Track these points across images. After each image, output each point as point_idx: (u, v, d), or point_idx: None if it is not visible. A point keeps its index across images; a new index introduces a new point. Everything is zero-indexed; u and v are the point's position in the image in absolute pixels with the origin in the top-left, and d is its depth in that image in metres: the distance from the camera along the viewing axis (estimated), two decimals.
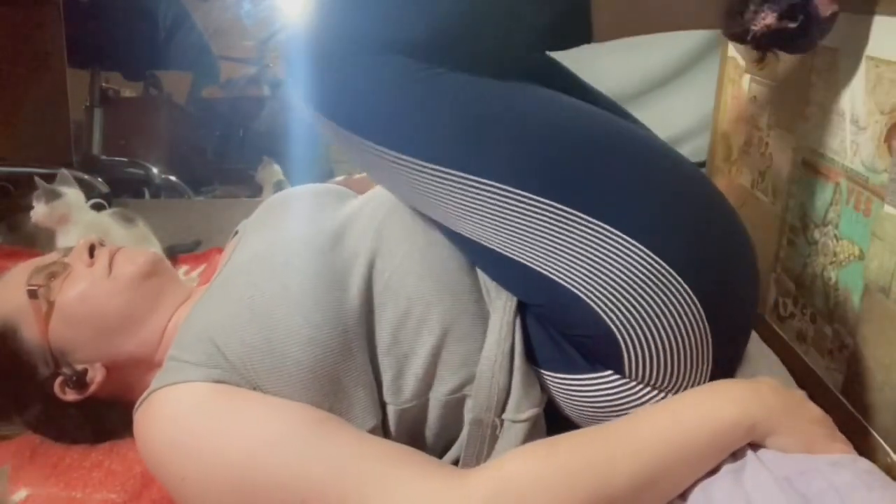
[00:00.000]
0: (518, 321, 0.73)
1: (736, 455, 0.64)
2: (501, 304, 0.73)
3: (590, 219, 0.65)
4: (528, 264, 0.68)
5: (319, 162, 2.71)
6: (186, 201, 2.33)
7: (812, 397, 0.70)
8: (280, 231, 0.80)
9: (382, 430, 0.72)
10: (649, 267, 0.66)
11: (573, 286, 0.67)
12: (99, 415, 0.82)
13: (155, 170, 2.35)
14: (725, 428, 0.63)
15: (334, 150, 2.78)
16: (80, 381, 0.79)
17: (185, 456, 0.66)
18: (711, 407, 0.64)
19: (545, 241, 0.67)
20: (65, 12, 2.01)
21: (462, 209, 0.68)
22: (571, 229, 0.66)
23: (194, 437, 0.66)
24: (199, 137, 2.76)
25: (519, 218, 0.66)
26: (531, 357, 0.74)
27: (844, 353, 0.85)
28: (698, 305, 0.67)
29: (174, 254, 1.43)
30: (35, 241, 1.47)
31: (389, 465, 0.63)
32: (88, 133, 2.26)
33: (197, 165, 2.68)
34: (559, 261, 0.67)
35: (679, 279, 0.66)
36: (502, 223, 0.67)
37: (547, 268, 0.67)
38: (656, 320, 0.67)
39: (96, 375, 0.79)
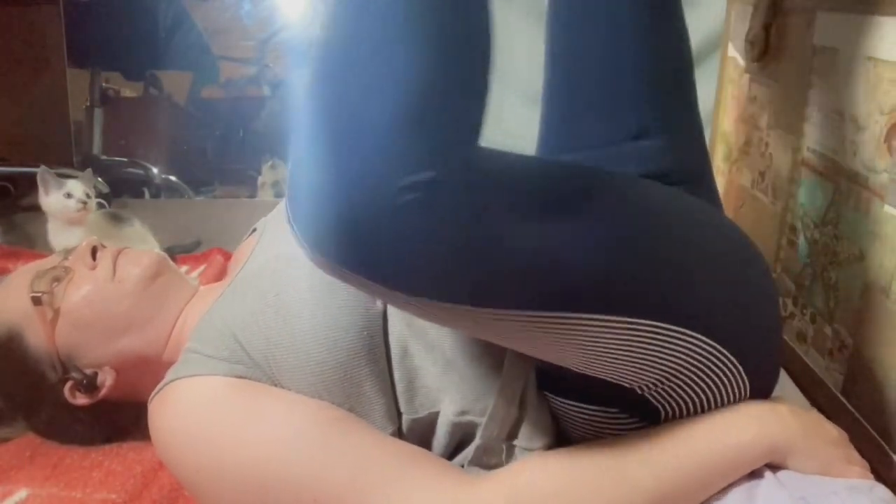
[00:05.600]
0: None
1: (753, 474, 0.64)
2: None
3: (655, 323, 0.58)
4: (581, 371, 0.62)
5: None
6: (186, 201, 2.33)
7: (812, 397, 0.70)
8: None
9: (399, 437, 0.71)
10: (708, 353, 0.62)
11: (631, 384, 0.62)
12: (108, 416, 0.82)
13: (155, 170, 2.35)
14: (744, 447, 0.62)
15: None
16: (90, 384, 0.79)
17: (201, 448, 0.65)
18: (731, 426, 0.64)
19: (596, 352, 0.59)
20: (65, 12, 2.01)
21: (503, 338, 0.60)
22: (632, 336, 0.58)
23: (212, 430, 0.66)
24: (199, 137, 2.76)
25: (569, 338, 0.57)
26: (546, 386, 0.73)
27: (844, 353, 0.85)
28: (746, 382, 0.65)
29: (174, 254, 1.43)
30: (35, 242, 1.47)
31: (404, 468, 0.62)
32: (88, 133, 2.26)
33: (197, 165, 2.68)
34: (619, 367, 0.60)
35: (734, 360, 0.63)
36: (553, 346, 0.59)
37: (605, 374, 0.61)
38: (706, 398, 0.65)
39: (106, 379, 0.79)
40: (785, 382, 0.96)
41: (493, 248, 0.51)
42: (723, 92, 1.34)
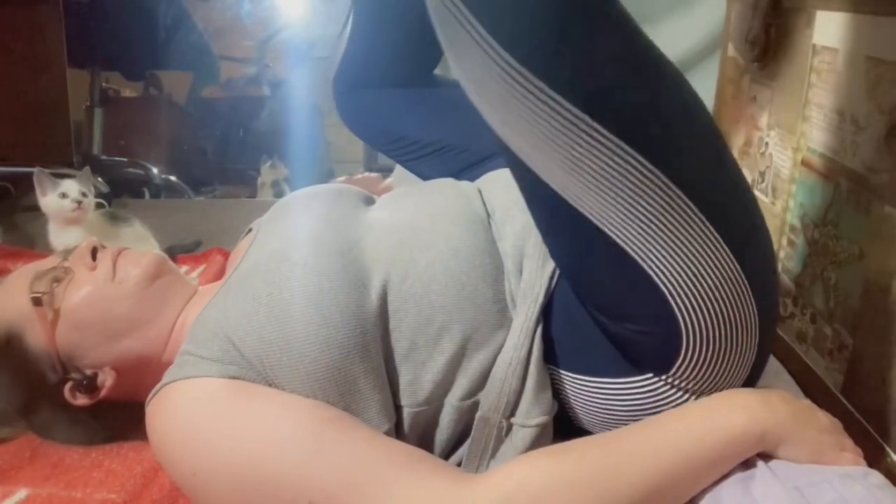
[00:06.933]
0: (540, 328, 0.72)
1: (746, 464, 0.64)
2: (524, 311, 0.72)
3: (703, 219, 0.61)
4: (627, 247, 0.63)
5: (320, 162, 2.71)
6: (186, 201, 2.33)
7: (812, 397, 0.70)
8: (298, 230, 0.79)
9: (396, 432, 0.72)
10: (731, 275, 0.64)
11: (664, 282, 0.63)
12: (108, 416, 0.82)
13: (155, 170, 2.35)
14: (735, 436, 0.63)
15: (334, 149, 2.79)
16: (90, 385, 0.79)
17: (196, 451, 0.66)
18: (722, 415, 0.64)
19: (656, 226, 0.61)
20: (65, 12, 2.01)
21: (579, 166, 0.59)
22: (683, 223, 0.61)
23: (207, 432, 0.66)
24: (199, 137, 2.76)
25: (638, 194, 0.60)
26: (553, 360, 0.73)
27: (844, 353, 0.85)
28: (757, 315, 0.66)
29: (174, 254, 1.43)
30: (35, 242, 1.47)
31: (398, 468, 0.62)
32: (88, 133, 2.26)
33: (197, 165, 2.69)
34: (662, 252, 0.62)
35: (750, 290, 0.65)
36: (620, 196, 0.60)
37: (647, 257, 0.63)
38: (725, 328, 0.66)
39: (106, 379, 0.79)
40: (784, 379, 0.96)
41: (572, 33, 0.55)
42: (723, 92, 1.34)
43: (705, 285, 0.63)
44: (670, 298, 0.64)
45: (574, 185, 0.61)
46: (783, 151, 1.04)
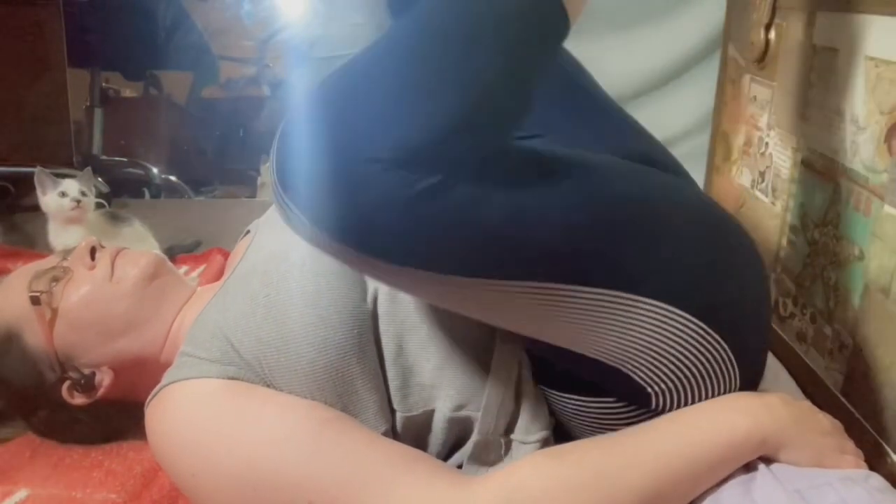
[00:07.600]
0: (525, 350, 0.72)
1: (747, 467, 0.64)
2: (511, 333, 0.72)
3: (625, 294, 0.60)
4: (564, 347, 0.63)
5: None
6: (186, 201, 2.33)
7: (812, 397, 0.70)
8: None
9: (392, 435, 0.72)
10: (689, 330, 0.63)
11: (616, 363, 0.63)
12: (106, 416, 0.82)
13: (155, 170, 2.35)
14: (736, 440, 0.62)
15: None
16: (88, 384, 0.79)
17: (195, 452, 0.66)
18: (722, 419, 0.64)
19: (580, 327, 0.60)
20: (65, 12, 2.01)
21: (490, 310, 0.61)
22: (606, 309, 0.59)
23: (206, 433, 0.66)
24: (199, 137, 2.76)
25: (553, 310, 0.59)
26: (542, 380, 0.73)
27: (844, 353, 0.85)
28: (733, 360, 0.66)
29: (174, 254, 1.43)
30: (35, 242, 1.47)
31: (396, 468, 0.62)
32: (88, 133, 2.26)
33: (197, 165, 2.68)
34: (598, 341, 0.62)
35: (718, 337, 0.64)
36: (537, 319, 0.60)
37: (588, 349, 0.63)
38: (693, 379, 0.65)
39: (104, 379, 0.79)
40: (783, 379, 0.96)
41: (479, 225, 0.53)
42: (723, 92, 1.34)
43: (665, 354, 0.63)
44: (631, 374, 0.64)
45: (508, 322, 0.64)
46: (783, 151, 1.04)
